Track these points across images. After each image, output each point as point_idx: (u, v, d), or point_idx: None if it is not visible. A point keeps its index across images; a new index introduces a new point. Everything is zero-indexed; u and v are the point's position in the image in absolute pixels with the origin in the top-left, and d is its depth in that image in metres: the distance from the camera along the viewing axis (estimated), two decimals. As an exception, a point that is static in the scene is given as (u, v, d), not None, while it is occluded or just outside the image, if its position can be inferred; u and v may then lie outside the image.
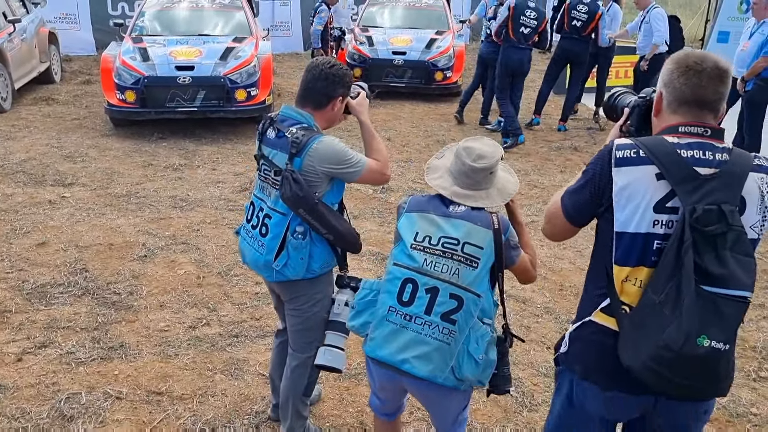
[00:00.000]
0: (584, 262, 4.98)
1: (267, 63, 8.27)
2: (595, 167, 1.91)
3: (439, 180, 2.48)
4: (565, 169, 7.26)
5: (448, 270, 2.32)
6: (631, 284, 1.85)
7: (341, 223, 2.66)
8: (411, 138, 8.24)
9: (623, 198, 1.83)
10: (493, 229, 2.34)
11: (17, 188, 6.18)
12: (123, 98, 7.76)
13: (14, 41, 9.42)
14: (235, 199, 6.07)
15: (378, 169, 2.72)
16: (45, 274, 4.58)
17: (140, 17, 9.16)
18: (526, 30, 7.76)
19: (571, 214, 1.99)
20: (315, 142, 2.57)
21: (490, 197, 2.45)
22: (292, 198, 2.53)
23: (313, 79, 2.66)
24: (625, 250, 1.83)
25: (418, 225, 2.41)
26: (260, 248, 2.69)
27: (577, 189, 1.97)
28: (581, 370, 2.01)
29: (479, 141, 2.48)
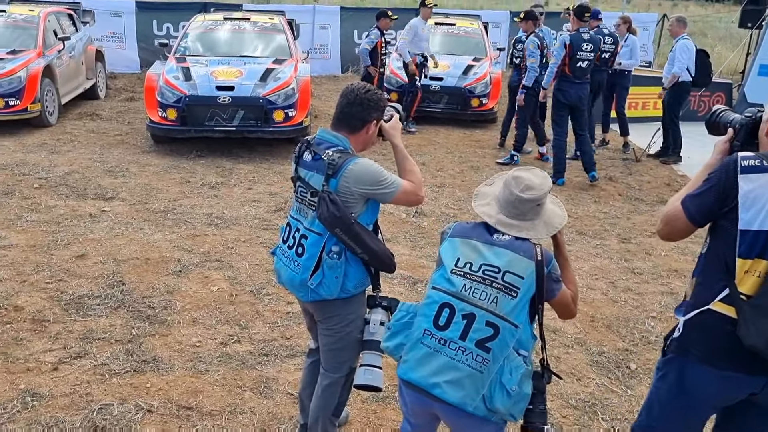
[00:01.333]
0: (616, 294, 4.95)
1: (305, 85, 8.41)
2: (720, 175, 2.17)
3: (486, 207, 2.50)
4: (599, 200, 7.21)
5: (487, 297, 2.32)
6: (751, 275, 2.12)
7: (376, 243, 2.70)
8: (445, 163, 8.28)
9: (748, 200, 2.10)
10: (535, 261, 2.34)
11: (60, 200, 6.35)
12: (164, 116, 7.96)
13: (63, 58, 9.75)
14: (270, 218, 6.16)
15: (412, 190, 2.76)
16: (83, 285, 4.69)
17: (184, 38, 9.41)
18: (583, 64, 7.40)
19: (695, 215, 2.24)
20: (350, 163, 2.62)
21: (536, 229, 2.44)
22: (329, 218, 2.58)
23: (348, 104, 2.73)
24: (748, 245, 2.11)
25: (460, 251, 2.42)
26: (296, 268, 2.73)
27: (701, 193, 2.23)
28: (699, 353, 2.23)
29: (529, 171, 2.48)
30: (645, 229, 6.38)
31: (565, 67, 7.41)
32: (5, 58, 8.80)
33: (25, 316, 4.23)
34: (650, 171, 8.37)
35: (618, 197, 7.34)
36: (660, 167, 8.54)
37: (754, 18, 12.05)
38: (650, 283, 5.23)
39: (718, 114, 2.52)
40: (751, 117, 2.35)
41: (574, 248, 5.76)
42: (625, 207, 7.03)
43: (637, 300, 4.94)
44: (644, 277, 5.34)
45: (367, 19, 14.90)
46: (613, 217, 6.68)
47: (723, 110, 2.53)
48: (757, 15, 11.97)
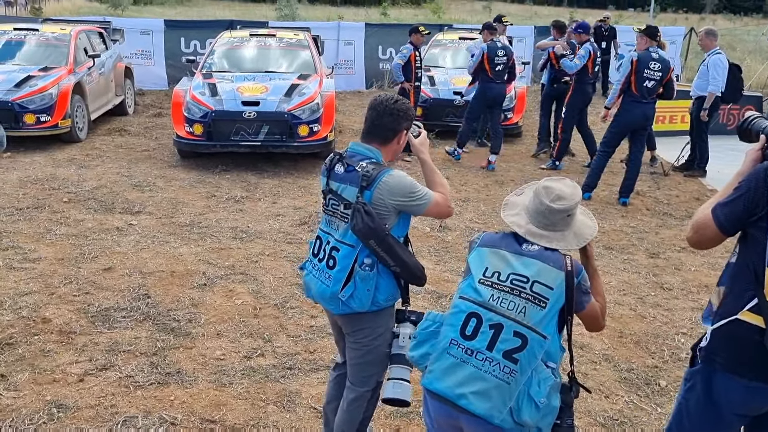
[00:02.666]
0: (645, 310, 4.85)
1: (330, 100, 8.45)
2: (749, 183, 2.16)
3: (515, 217, 2.47)
4: (627, 214, 7.11)
5: (515, 307, 2.29)
6: None
7: (408, 255, 2.70)
8: (469, 177, 8.24)
9: None
10: (565, 271, 2.31)
11: (88, 214, 6.44)
12: (191, 131, 8.05)
13: (93, 75, 9.93)
14: (294, 232, 6.17)
15: (443, 203, 2.78)
16: (109, 298, 4.73)
17: (211, 54, 9.53)
18: (650, 84, 7.08)
19: (724, 224, 2.22)
20: (385, 175, 2.64)
21: (566, 239, 2.42)
22: (364, 229, 2.58)
23: (378, 116, 2.75)
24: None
25: (488, 260, 2.39)
26: (327, 280, 2.73)
27: (730, 202, 2.21)
28: (725, 362, 2.22)
29: (560, 181, 2.46)
30: (674, 243, 6.27)
31: (633, 85, 7.10)
32: (37, 75, 8.99)
33: (52, 327, 4.28)
34: (678, 185, 8.25)
35: (646, 212, 7.24)
36: (688, 181, 8.42)
37: (785, 31, 11.88)
38: (680, 299, 5.13)
39: (750, 121, 2.49)
40: None
41: (601, 263, 5.67)
42: (653, 221, 6.93)
43: (667, 316, 4.84)
44: (673, 293, 5.24)
45: (391, 34, 15.02)
46: (641, 232, 6.58)
47: (755, 117, 2.50)
48: (788, 27, 11.79)
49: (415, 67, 9.18)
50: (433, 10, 56.32)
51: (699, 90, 8.29)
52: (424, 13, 55.47)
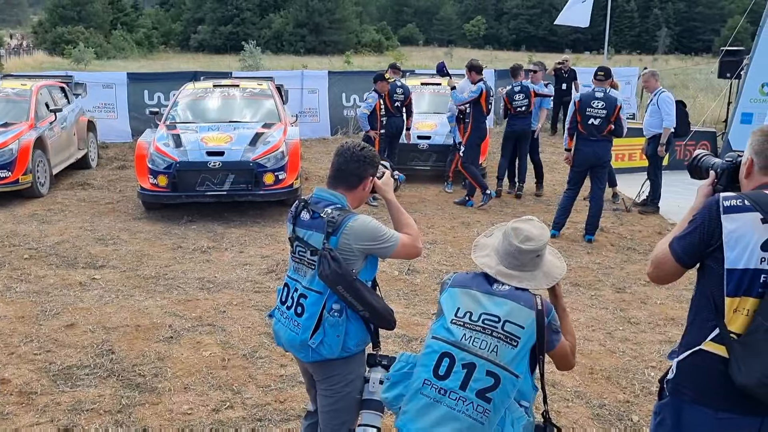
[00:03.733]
0: (614, 345, 4.89)
1: (295, 148, 8.49)
2: (703, 216, 2.22)
3: (485, 258, 2.52)
4: (592, 251, 7.21)
5: (487, 346, 2.31)
6: (740, 314, 2.14)
7: (377, 299, 2.71)
8: (436, 220, 8.30)
9: (732, 239, 2.15)
10: (536, 310, 2.35)
11: (49, 270, 6.30)
12: (155, 182, 7.99)
13: (54, 129, 9.85)
14: (262, 281, 6.11)
15: (411, 243, 2.79)
16: (72, 355, 4.60)
17: (174, 106, 9.54)
18: (596, 121, 7.25)
19: (682, 257, 2.28)
20: (350, 220, 2.66)
21: (536, 279, 2.47)
22: (331, 275, 2.58)
23: (344, 162, 2.78)
24: (735, 283, 2.14)
25: (460, 300, 2.43)
26: (296, 328, 2.71)
27: (686, 235, 2.27)
28: (693, 394, 2.24)
29: (528, 223, 2.52)
30: (639, 278, 6.36)
31: (579, 125, 7.33)
32: (-3, 131, 8.89)
33: (11, 389, 4.14)
34: (641, 221, 8.41)
35: (610, 247, 7.35)
36: (650, 216, 8.59)
37: (732, 68, 12.36)
38: (647, 333, 5.18)
39: (699, 158, 2.60)
40: (732, 161, 2.44)
41: (569, 300, 5.72)
42: (618, 257, 7.03)
43: (636, 350, 4.88)
44: (641, 327, 5.29)
45: (354, 82, 15.21)
46: (607, 268, 6.67)
47: (704, 155, 2.60)
48: (735, 65, 12.28)
49: (380, 115, 9.27)
50: (395, 57, 57.35)
51: (652, 128, 8.52)
52: (387, 61, 56.34)
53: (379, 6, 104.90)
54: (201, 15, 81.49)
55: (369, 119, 9.14)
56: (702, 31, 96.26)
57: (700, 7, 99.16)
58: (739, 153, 2.43)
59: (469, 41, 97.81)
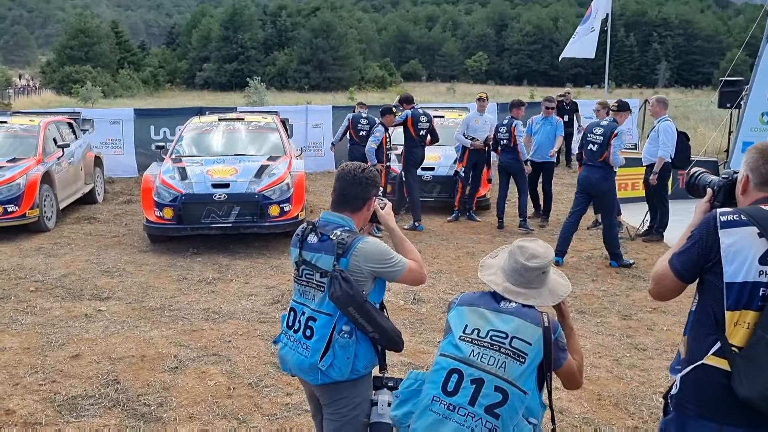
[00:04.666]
0: (621, 371, 4.85)
1: (300, 180, 8.56)
2: (701, 231, 2.26)
3: (492, 276, 2.58)
4: (597, 278, 7.19)
5: (495, 362, 2.34)
6: (740, 327, 2.16)
7: (386, 321, 2.74)
8: (441, 250, 8.31)
9: (730, 254, 2.18)
10: (543, 327, 2.39)
11: (55, 302, 6.32)
12: (161, 215, 8.04)
13: (62, 164, 9.96)
14: (267, 311, 6.11)
15: (417, 269, 2.84)
16: (77, 385, 4.59)
17: (180, 140, 9.65)
18: (594, 147, 7.46)
19: (681, 272, 2.31)
20: (360, 242, 2.70)
21: (541, 296, 2.52)
22: (342, 297, 2.61)
23: (347, 185, 2.83)
24: (735, 297, 2.17)
25: (467, 318, 2.47)
26: (305, 351, 2.72)
27: (685, 250, 2.30)
28: (696, 409, 2.24)
29: (533, 241, 2.59)
30: (645, 305, 6.34)
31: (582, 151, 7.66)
32: (5, 166, 8.99)
33: (16, 419, 4.12)
34: (645, 249, 8.40)
35: (615, 275, 7.33)
36: (654, 245, 8.58)
37: (732, 98, 12.47)
38: (655, 359, 5.14)
39: (696, 176, 2.66)
40: (728, 178, 2.49)
41: (575, 327, 5.67)
42: (623, 284, 7.01)
43: (643, 376, 4.84)
44: (648, 353, 5.26)
45: (358, 116, 15.37)
46: (612, 295, 6.65)
47: (701, 173, 2.66)
48: (735, 95, 12.39)
49: (386, 149, 9.33)
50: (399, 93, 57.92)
51: (650, 156, 8.51)
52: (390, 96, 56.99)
53: (382, 43, 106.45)
54: (206, 53, 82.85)
55: (376, 152, 9.19)
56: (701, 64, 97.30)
57: (699, 41, 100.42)
58: (735, 170, 2.48)
59: (471, 76, 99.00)
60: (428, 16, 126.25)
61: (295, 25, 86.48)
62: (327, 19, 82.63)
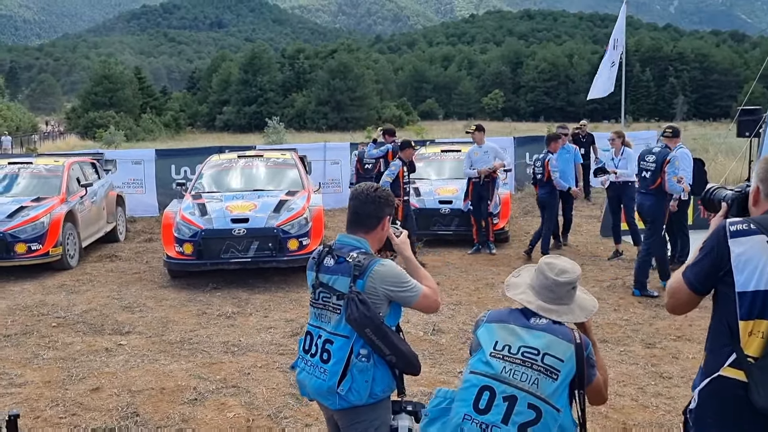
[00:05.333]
0: (647, 400, 4.76)
1: (318, 214, 8.61)
2: (712, 242, 2.27)
3: (523, 295, 2.57)
4: (619, 308, 7.09)
5: (528, 379, 2.32)
6: (755, 336, 2.14)
7: (403, 344, 2.72)
8: (460, 282, 8.26)
9: (741, 263, 2.18)
10: (575, 344, 2.38)
11: (77, 337, 6.36)
12: (181, 251, 8.11)
13: (85, 203, 10.12)
14: (286, 344, 6.10)
15: (431, 295, 2.83)
16: (97, 418, 4.59)
17: (200, 177, 9.79)
18: (647, 174, 7.54)
19: (694, 283, 2.30)
20: (376, 264, 2.71)
21: (573, 312, 2.53)
22: (359, 318, 2.61)
23: (361, 204, 2.84)
24: (748, 306, 2.15)
25: (497, 334, 2.46)
26: (322, 374, 2.71)
27: (697, 262, 2.31)
28: (715, 422, 2.21)
29: (558, 258, 2.61)
30: (669, 333, 6.23)
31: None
32: (29, 205, 9.17)
33: (36, 451, 4.12)
34: (668, 278, 8.29)
35: (638, 305, 7.23)
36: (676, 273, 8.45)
37: (751, 127, 12.43)
38: (681, 387, 5.03)
39: (711, 191, 2.69)
40: (741, 191, 2.53)
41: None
42: (646, 313, 6.91)
43: (669, 404, 4.74)
44: (674, 381, 5.15)
45: (376, 152, 15.50)
46: (635, 324, 6.55)
47: (716, 188, 2.68)
48: (753, 124, 12.34)
49: (403, 183, 9.31)
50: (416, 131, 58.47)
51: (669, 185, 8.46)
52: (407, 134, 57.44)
53: (398, 83, 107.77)
54: (226, 97, 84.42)
55: (392, 186, 9.18)
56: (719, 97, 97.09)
57: (716, 74, 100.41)
58: (747, 183, 2.51)
59: (487, 114, 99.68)
60: (444, 55, 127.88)
61: (313, 67, 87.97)
62: (344, 60, 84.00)
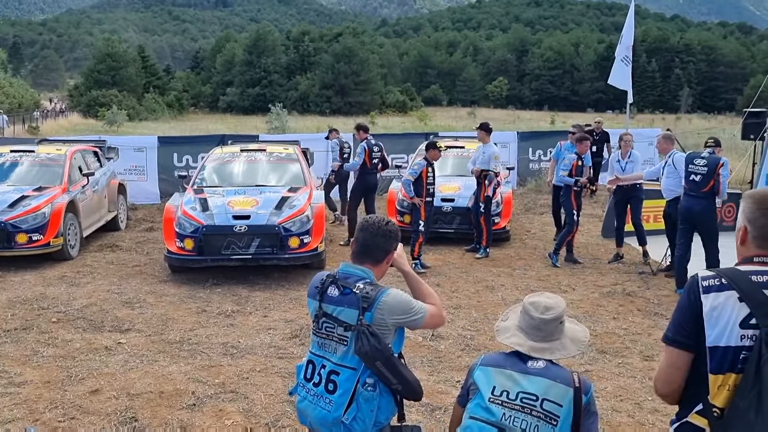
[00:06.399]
0: (643, 416, 4.77)
1: (320, 211, 8.60)
2: (685, 297, 2.26)
3: (513, 338, 2.58)
4: (618, 316, 7.10)
5: (528, 426, 2.32)
6: (724, 389, 2.16)
7: (409, 373, 2.74)
8: (460, 284, 8.26)
9: (713, 318, 2.17)
10: (573, 387, 2.38)
11: (76, 334, 6.38)
12: (182, 246, 8.11)
13: (86, 193, 10.12)
14: (286, 346, 6.11)
15: (437, 313, 2.85)
16: (96, 423, 4.61)
17: (202, 170, 9.77)
18: (696, 178, 7.60)
19: (678, 338, 2.25)
20: (383, 295, 2.70)
21: (565, 348, 2.54)
22: (371, 351, 2.61)
23: (371, 237, 2.83)
24: (718, 361, 2.16)
25: (495, 379, 2.46)
26: (328, 405, 2.70)
27: (673, 319, 2.29)
28: None
29: (541, 295, 2.62)
30: (667, 345, 6.23)
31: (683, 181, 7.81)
32: (31, 195, 9.16)
33: (35, 457, 4.15)
34: (668, 284, 8.29)
35: (637, 312, 7.24)
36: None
37: (756, 130, 12.36)
38: (678, 404, 5.04)
39: None
40: None
41: (595, 368, 5.63)
42: (645, 322, 6.91)
43: (666, 422, 4.74)
44: (671, 397, 5.15)
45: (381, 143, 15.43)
46: (634, 334, 6.56)
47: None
48: (759, 127, 12.28)
49: (426, 183, 9.02)
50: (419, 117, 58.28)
51: (674, 188, 8.43)
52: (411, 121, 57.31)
53: (403, 68, 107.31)
54: (230, 78, 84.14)
55: (415, 186, 9.05)
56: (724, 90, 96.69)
57: (722, 66, 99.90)
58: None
59: (491, 101, 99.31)
60: (449, 41, 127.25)
61: (318, 50, 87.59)
62: (349, 44, 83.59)
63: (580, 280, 8.38)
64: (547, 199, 14.25)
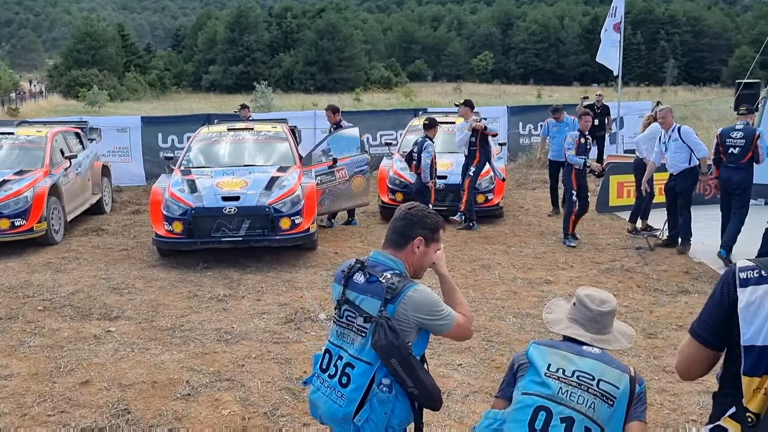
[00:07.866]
0: (650, 396, 4.66)
1: (311, 191, 8.40)
2: (720, 289, 2.09)
3: (571, 329, 2.54)
4: (618, 292, 6.98)
5: (585, 402, 2.28)
6: (760, 393, 1.99)
7: (427, 377, 2.56)
8: (456, 263, 8.11)
9: (749, 314, 1.99)
10: (629, 375, 2.36)
11: (64, 323, 6.17)
12: (170, 229, 7.89)
13: (69, 176, 9.83)
14: (281, 331, 5.95)
15: (465, 324, 2.67)
16: (87, 416, 4.44)
17: (189, 150, 9.50)
18: (735, 150, 7.92)
19: (703, 335, 2.11)
20: (410, 289, 2.53)
21: (618, 340, 2.55)
22: (387, 346, 2.44)
23: (393, 221, 2.71)
24: (753, 361, 1.99)
25: (550, 357, 2.42)
26: (340, 399, 2.55)
27: (704, 311, 2.14)
28: None
29: (593, 289, 2.63)
30: (670, 322, 6.14)
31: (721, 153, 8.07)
32: (12, 179, 8.87)
33: (24, 455, 3.97)
34: (666, 260, 8.20)
35: (637, 289, 7.14)
36: (675, 255, 8.37)
37: (750, 101, 12.21)
38: (685, 382, 4.93)
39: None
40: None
41: (599, 347, 5.51)
42: (645, 299, 6.81)
43: (674, 402, 4.65)
44: (677, 376, 5.05)
45: (366, 120, 15.26)
46: (635, 311, 6.45)
47: None
48: (753, 98, 12.14)
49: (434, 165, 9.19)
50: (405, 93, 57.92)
51: (681, 164, 8.31)
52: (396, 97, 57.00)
53: (387, 44, 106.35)
54: (212, 56, 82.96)
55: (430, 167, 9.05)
56: (709, 61, 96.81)
57: (707, 38, 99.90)
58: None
59: (477, 76, 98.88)
60: (433, 15, 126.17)
61: (301, 27, 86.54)
62: (332, 20, 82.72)
63: (577, 257, 8.26)
64: (538, 174, 14.14)
